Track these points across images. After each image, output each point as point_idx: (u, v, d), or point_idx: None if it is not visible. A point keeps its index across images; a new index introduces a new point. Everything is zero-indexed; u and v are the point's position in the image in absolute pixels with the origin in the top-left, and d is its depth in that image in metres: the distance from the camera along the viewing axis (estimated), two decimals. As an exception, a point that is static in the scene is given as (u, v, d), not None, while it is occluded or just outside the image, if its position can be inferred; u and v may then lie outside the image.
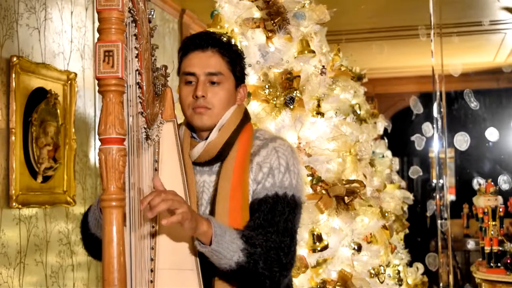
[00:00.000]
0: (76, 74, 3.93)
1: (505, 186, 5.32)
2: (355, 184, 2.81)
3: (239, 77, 1.86)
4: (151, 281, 1.67)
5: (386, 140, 5.30)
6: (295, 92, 2.78)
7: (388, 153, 5.32)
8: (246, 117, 1.89)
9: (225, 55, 1.81)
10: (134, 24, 1.50)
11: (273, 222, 1.70)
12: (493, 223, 4.50)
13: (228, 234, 1.61)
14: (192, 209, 1.58)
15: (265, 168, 1.78)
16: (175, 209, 1.50)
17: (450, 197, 8.60)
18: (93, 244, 1.80)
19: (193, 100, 1.79)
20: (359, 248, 2.96)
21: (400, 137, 6.98)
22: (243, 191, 1.76)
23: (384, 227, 3.37)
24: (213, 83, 1.79)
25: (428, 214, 6.36)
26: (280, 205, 1.74)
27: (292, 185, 1.78)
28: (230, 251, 1.59)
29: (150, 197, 1.49)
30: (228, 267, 1.61)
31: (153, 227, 1.71)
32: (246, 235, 1.64)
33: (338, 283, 2.78)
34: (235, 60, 1.84)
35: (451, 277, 5.70)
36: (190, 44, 1.82)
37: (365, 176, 3.02)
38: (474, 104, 6.16)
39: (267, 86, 2.80)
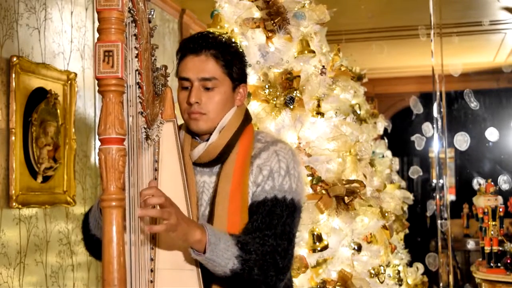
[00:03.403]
0: (76, 74, 3.93)
1: (505, 186, 5.31)
2: (355, 184, 2.81)
3: (237, 78, 1.84)
4: (151, 281, 1.67)
5: (386, 140, 5.31)
6: (295, 92, 2.78)
7: (388, 153, 5.32)
8: (247, 118, 1.88)
9: (219, 58, 1.78)
10: (134, 24, 1.50)
11: (271, 225, 1.70)
12: (493, 223, 4.51)
13: (223, 242, 1.60)
14: (183, 217, 1.58)
15: (265, 171, 1.78)
16: (163, 219, 1.51)
17: (450, 197, 8.60)
18: (94, 245, 1.80)
19: (188, 106, 1.78)
20: (359, 248, 2.96)
21: (400, 137, 6.98)
22: (242, 193, 1.76)
23: (384, 227, 3.37)
24: (207, 88, 1.78)
25: (428, 214, 6.36)
26: (279, 208, 1.73)
27: (292, 189, 1.77)
28: (224, 258, 1.59)
29: (148, 191, 1.51)
30: (223, 274, 1.62)
31: (153, 227, 1.71)
32: (241, 241, 1.64)
33: (338, 283, 2.78)
34: (231, 62, 1.81)
35: (451, 277, 5.70)
36: (185, 48, 1.81)
37: (365, 176, 3.01)
38: (474, 104, 6.16)
39: (267, 86, 2.80)
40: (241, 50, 1.88)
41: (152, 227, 1.52)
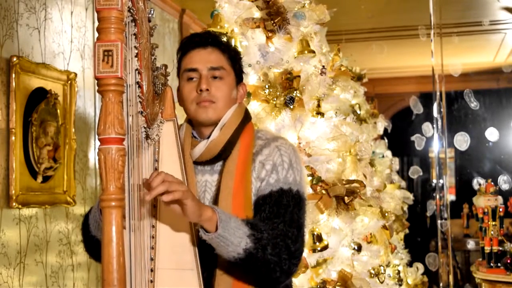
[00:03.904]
0: (76, 74, 3.93)
1: (505, 186, 5.31)
2: (355, 184, 2.81)
3: (239, 75, 1.89)
4: (151, 281, 1.66)
5: (386, 140, 5.31)
6: (295, 92, 2.78)
7: (388, 153, 5.32)
8: (247, 116, 1.90)
9: (225, 51, 1.84)
10: (133, 24, 1.50)
11: (279, 214, 1.70)
12: (493, 223, 4.50)
13: (233, 221, 1.60)
14: (194, 195, 1.58)
15: (268, 165, 1.79)
16: (174, 190, 1.50)
17: (450, 197, 8.60)
18: (94, 246, 1.80)
19: (197, 95, 1.80)
20: (359, 248, 2.96)
21: (400, 137, 6.98)
22: (246, 189, 1.76)
23: (384, 227, 3.37)
24: (215, 77, 1.81)
25: (428, 214, 6.36)
26: (285, 198, 1.74)
27: (296, 181, 1.78)
28: (237, 237, 1.58)
29: (149, 179, 1.50)
30: (236, 255, 1.60)
31: (153, 226, 1.71)
32: (251, 222, 1.64)
33: (338, 283, 2.78)
34: (235, 57, 1.87)
35: (451, 277, 5.69)
36: (190, 43, 1.85)
37: (365, 176, 3.01)
38: (474, 104, 6.16)
39: (267, 86, 2.80)
40: (239, 51, 1.94)
41: (168, 195, 1.49)
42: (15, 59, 3.37)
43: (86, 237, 1.85)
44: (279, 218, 1.69)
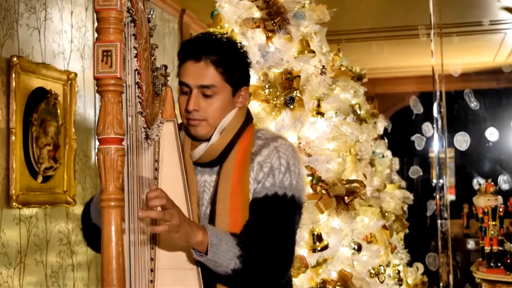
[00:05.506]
0: (76, 74, 3.93)
1: (505, 186, 5.32)
2: (355, 184, 2.81)
3: (238, 83, 1.81)
4: (151, 281, 1.66)
5: (386, 140, 5.30)
6: (295, 92, 2.78)
7: (388, 153, 5.32)
8: (248, 119, 1.87)
9: (219, 65, 1.75)
10: (133, 24, 1.50)
11: (271, 223, 1.70)
12: (493, 223, 4.50)
13: (225, 242, 1.59)
14: (185, 218, 1.57)
15: (265, 168, 1.78)
16: (165, 221, 1.50)
17: (450, 197, 8.61)
18: (94, 234, 1.78)
19: (186, 113, 1.78)
20: (359, 248, 2.96)
21: (400, 137, 6.97)
22: (243, 190, 1.75)
23: (384, 227, 3.37)
24: (206, 95, 1.76)
25: (428, 214, 6.36)
26: (279, 205, 1.73)
27: (292, 185, 1.77)
28: (226, 259, 1.59)
29: (152, 193, 1.49)
30: (225, 273, 1.61)
31: (153, 226, 1.71)
32: (243, 241, 1.63)
33: (338, 283, 2.78)
34: (231, 67, 1.78)
35: (451, 277, 5.69)
36: (185, 52, 1.79)
37: (365, 176, 3.02)
38: (474, 104, 6.17)
39: (267, 86, 2.80)
40: (243, 51, 1.84)
41: (154, 228, 1.51)
42: (15, 59, 3.37)
43: (86, 225, 1.84)
44: (271, 228, 1.69)
